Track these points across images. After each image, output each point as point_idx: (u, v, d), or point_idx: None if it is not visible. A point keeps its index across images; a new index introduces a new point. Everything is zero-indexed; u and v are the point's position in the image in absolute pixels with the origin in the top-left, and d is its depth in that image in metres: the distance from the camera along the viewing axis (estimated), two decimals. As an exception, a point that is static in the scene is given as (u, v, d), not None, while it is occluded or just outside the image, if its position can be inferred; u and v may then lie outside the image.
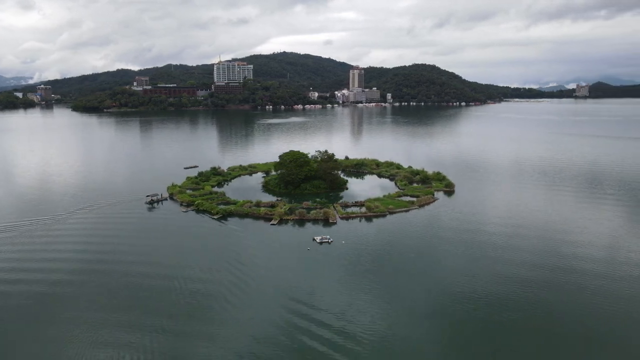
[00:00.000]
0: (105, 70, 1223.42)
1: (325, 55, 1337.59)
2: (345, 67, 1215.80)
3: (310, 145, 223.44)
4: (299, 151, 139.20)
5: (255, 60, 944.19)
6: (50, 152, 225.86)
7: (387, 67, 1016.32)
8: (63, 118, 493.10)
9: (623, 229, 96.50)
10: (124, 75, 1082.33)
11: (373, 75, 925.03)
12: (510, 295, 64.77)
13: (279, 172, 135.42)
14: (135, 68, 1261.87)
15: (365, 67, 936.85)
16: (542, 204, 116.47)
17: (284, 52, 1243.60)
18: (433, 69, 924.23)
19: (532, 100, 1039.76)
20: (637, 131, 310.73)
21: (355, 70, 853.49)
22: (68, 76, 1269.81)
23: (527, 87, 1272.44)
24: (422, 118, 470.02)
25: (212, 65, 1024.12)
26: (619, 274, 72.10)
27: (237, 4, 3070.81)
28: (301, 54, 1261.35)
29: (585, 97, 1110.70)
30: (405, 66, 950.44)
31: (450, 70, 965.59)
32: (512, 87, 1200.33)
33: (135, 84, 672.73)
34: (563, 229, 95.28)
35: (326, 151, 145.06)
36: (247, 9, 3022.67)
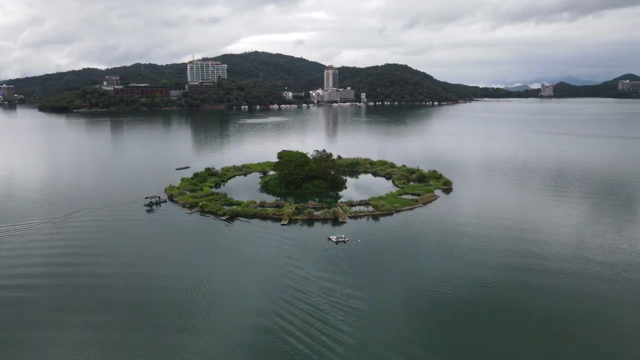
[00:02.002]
0: (70, 69, 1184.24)
1: (297, 55, 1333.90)
2: (317, 67, 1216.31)
3: (298, 144, 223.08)
4: (298, 151, 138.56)
5: (227, 59, 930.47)
6: (29, 154, 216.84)
7: (359, 66, 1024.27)
8: (31, 119, 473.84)
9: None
10: (90, 75, 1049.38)
11: (346, 75, 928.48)
12: (522, 301, 65.01)
13: (279, 172, 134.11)
14: (102, 67, 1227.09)
15: (339, 66, 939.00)
16: (539, 203, 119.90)
17: (256, 51, 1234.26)
18: (405, 68, 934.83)
19: (501, 99, 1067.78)
20: (611, 130, 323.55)
21: (330, 70, 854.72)
22: (30, 75, 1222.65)
23: (494, 87, 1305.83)
24: (400, 117, 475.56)
25: (183, 64, 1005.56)
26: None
27: (207, 3, 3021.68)
28: (273, 53, 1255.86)
29: (550, 97, 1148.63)
30: (377, 66, 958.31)
31: (421, 70, 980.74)
32: (481, 87, 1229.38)
33: (105, 83, 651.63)
34: (571, 231, 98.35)
35: (324, 150, 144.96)
36: (217, 7, 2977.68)
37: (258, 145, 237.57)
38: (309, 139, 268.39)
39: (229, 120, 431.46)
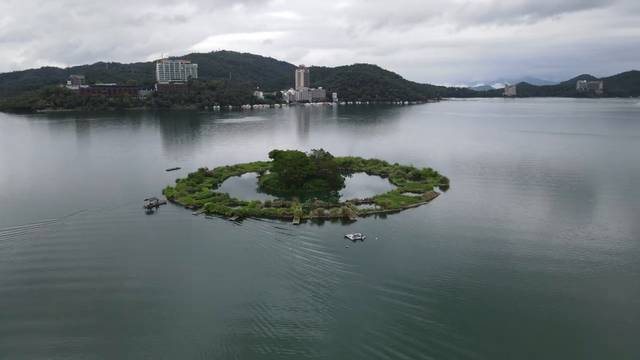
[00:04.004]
0: (29, 68, 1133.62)
1: (265, 55, 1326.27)
2: (286, 66, 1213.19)
3: (285, 144, 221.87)
4: (297, 150, 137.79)
5: (195, 58, 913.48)
6: (6, 157, 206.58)
7: (328, 66, 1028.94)
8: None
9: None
10: (50, 74, 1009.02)
11: (317, 75, 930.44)
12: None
13: (278, 171, 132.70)
14: (61, 66, 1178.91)
15: (308, 66, 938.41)
16: (531, 199, 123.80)
17: (223, 50, 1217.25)
18: (375, 68, 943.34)
19: (468, 99, 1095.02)
20: (582, 128, 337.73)
21: (301, 70, 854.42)
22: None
23: (460, 86, 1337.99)
24: (376, 116, 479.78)
25: (149, 63, 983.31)
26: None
27: (173, 1, 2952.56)
28: (241, 53, 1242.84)
29: (513, 97, 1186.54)
30: (347, 66, 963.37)
31: (390, 70, 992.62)
32: (448, 86, 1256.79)
33: (69, 82, 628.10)
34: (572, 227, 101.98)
35: (321, 150, 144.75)
36: (183, 6, 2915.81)
37: (243, 145, 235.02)
38: (294, 139, 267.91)
39: (204, 120, 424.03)
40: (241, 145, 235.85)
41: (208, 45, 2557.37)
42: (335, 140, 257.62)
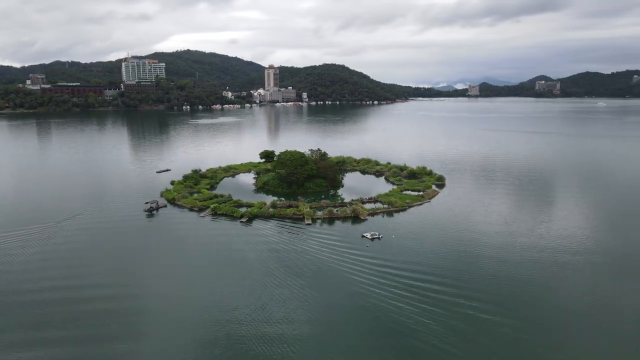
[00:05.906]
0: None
1: (231, 54, 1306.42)
2: (253, 66, 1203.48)
3: (271, 144, 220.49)
4: (296, 150, 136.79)
5: (160, 58, 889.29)
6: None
7: (295, 66, 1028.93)
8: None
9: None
10: (4, 73, 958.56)
11: (285, 75, 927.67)
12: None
13: (277, 172, 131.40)
14: (16, 64, 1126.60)
15: (277, 66, 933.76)
16: (528, 197, 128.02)
17: (188, 50, 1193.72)
18: (343, 69, 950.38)
19: (434, 99, 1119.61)
20: (558, 126, 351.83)
21: (271, 70, 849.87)
22: None
23: (425, 86, 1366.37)
24: (351, 116, 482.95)
25: (110, 62, 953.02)
26: None
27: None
28: (207, 52, 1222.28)
29: (476, 96, 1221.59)
30: (316, 66, 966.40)
31: (357, 70, 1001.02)
32: (414, 86, 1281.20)
33: (29, 82, 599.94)
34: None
35: (319, 149, 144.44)
36: (146, 4, 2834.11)
37: (228, 146, 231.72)
38: (277, 138, 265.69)
39: (177, 121, 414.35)
40: (225, 146, 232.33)
41: (172, 44, 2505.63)
42: (321, 140, 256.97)
